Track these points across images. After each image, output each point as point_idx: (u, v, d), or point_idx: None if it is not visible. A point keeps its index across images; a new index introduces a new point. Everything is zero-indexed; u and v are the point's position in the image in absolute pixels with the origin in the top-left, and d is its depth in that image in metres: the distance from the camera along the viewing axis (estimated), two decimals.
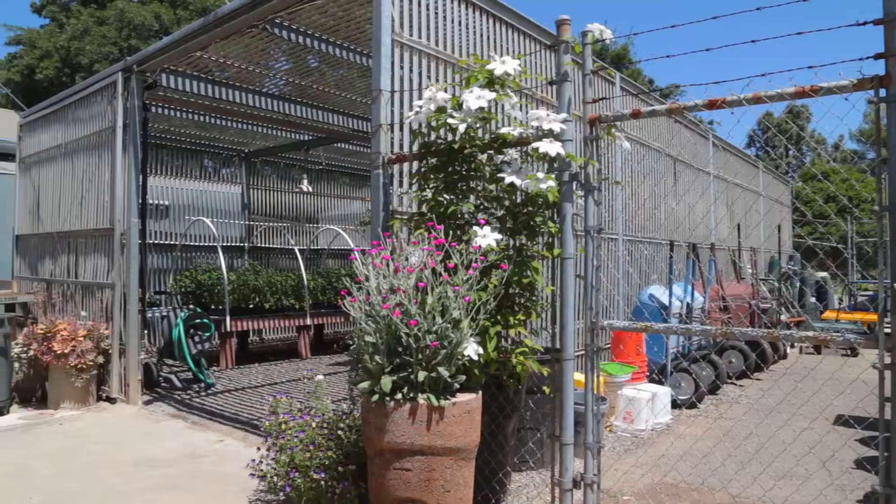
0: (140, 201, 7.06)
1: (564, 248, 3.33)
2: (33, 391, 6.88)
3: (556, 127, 3.32)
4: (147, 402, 6.89)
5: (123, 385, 6.84)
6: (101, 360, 6.66)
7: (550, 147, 3.27)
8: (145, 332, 7.45)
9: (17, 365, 6.64)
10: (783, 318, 10.14)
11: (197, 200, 11.53)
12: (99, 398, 6.82)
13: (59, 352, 6.32)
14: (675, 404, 6.27)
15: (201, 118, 9.50)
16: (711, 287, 8.00)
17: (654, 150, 8.15)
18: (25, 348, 6.63)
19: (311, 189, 12.80)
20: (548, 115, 3.36)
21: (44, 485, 4.39)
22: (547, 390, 3.62)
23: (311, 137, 10.48)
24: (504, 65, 3.61)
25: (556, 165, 3.41)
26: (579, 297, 3.62)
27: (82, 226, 7.67)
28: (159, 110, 8.97)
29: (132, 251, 6.89)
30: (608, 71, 7.08)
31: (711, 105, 2.85)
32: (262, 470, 3.82)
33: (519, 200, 3.70)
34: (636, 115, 3.22)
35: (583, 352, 3.49)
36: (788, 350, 9.99)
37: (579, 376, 3.90)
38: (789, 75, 2.65)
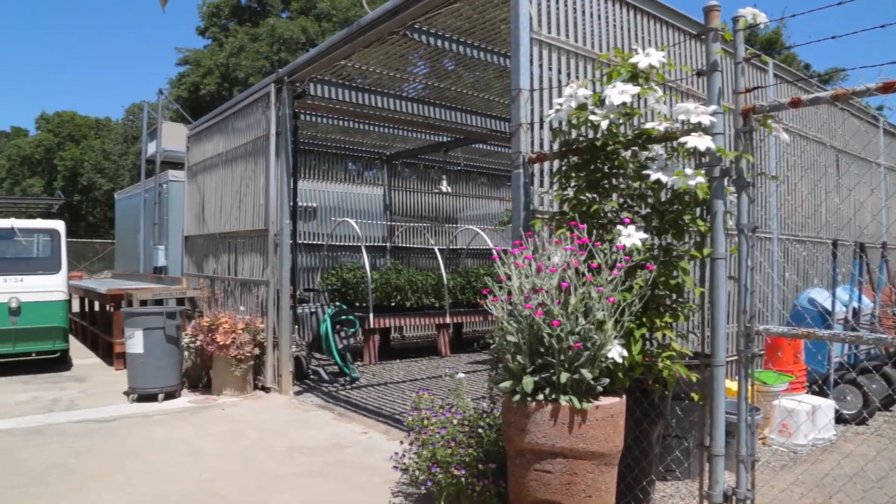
0: (291, 204, 7.52)
1: (715, 248, 3.16)
2: (199, 378, 7.53)
3: (706, 120, 3.15)
4: (297, 393, 7.32)
5: (276, 376, 7.31)
6: (256, 351, 7.16)
7: (699, 141, 3.11)
8: (296, 326, 7.92)
9: (186, 353, 7.31)
10: None
11: (342, 202, 12.09)
12: (255, 387, 7.34)
13: (221, 343, 6.87)
14: (839, 419, 5.74)
15: (345, 123, 9.98)
16: (883, 291, 7.25)
17: (815, 141, 7.51)
18: (193, 339, 7.26)
19: (450, 190, 13.02)
20: (696, 107, 3.20)
21: (210, 463, 4.78)
22: (696, 397, 3.44)
23: (449, 139, 10.67)
24: (648, 57, 3.47)
25: (705, 160, 3.24)
26: (731, 300, 3.41)
27: (240, 227, 8.28)
28: (307, 117, 9.52)
29: (284, 251, 7.35)
30: (761, 58, 6.61)
31: (887, 88, 2.59)
32: (404, 463, 3.92)
33: (665, 198, 3.55)
34: (796, 103, 2.98)
35: (735, 358, 3.29)
36: None
37: (730, 384, 3.67)
38: None
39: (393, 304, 10.18)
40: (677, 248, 3.51)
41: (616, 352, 3.03)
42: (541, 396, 2.96)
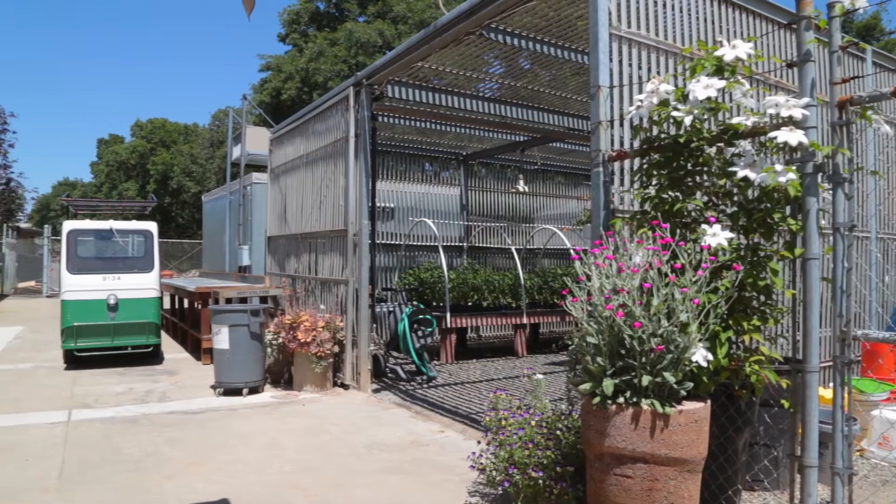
0: (370, 204, 7.65)
1: (808, 248, 3.01)
2: (281, 374, 7.77)
3: (797, 113, 3.00)
4: (375, 391, 7.44)
5: (355, 373, 7.46)
6: (336, 349, 7.33)
7: (790, 136, 2.96)
8: (374, 325, 8.05)
9: (269, 350, 7.55)
10: None
11: (419, 203, 12.21)
12: (334, 384, 7.51)
13: (302, 340, 7.06)
14: None
15: (422, 124, 10.08)
16: None
17: None
18: (275, 336, 7.50)
19: (526, 189, 12.94)
20: (786, 100, 3.05)
21: (291, 457, 4.93)
22: (786, 404, 3.29)
23: (526, 138, 10.60)
24: (735, 49, 3.34)
25: (796, 156, 3.09)
26: (824, 303, 3.24)
27: (320, 228, 8.49)
28: (385, 119, 9.66)
29: (363, 250, 7.48)
30: (859, 45, 6.25)
31: None
32: (481, 463, 3.92)
33: (753, 196, 3.40)
34: None
35: (829, 364, 3.12)
36: None
37: (823, 392, 3.49)
38: None
39: (470, 303, 10.21)
40: (766, 247, 3.36)
41: (700, 355, 2.93)
42: (621, 399, 2.90)
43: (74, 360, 9.04)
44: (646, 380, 2.85)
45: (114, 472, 4.55)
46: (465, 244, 12.57)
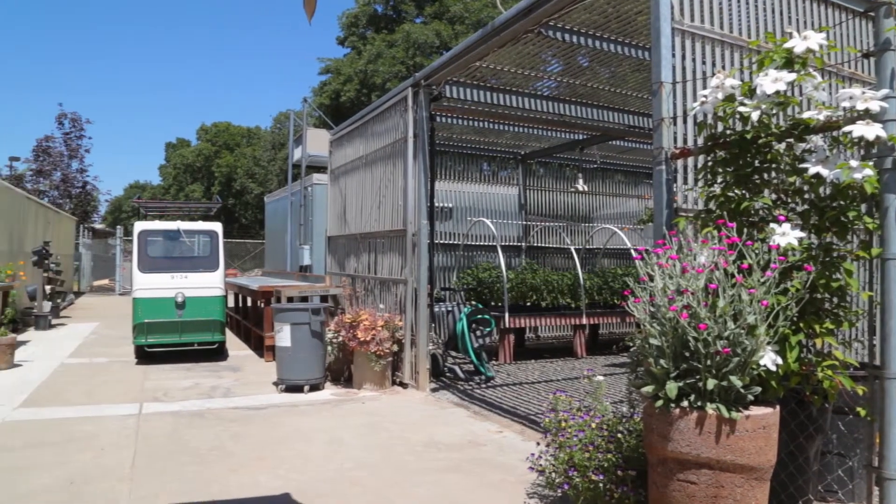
0: (428, 204, 7.69)
1: (887, 248, 2.87)
2: (341, 372, 7.89)
3: (875, 106, 2.87)
4: (433, 390, 7.48)
5: (413, 372, 7.51)
6: (395, 348, 7.39)
7: (867, 130, 2.83)
8: (432, 324, 8.09)
9: (329, 348, 7.68)
10: None
11: (477, 202, 12.21)
12: (393, 382, 7.58)
13: (361, 339, 7.16)
14: None
15: (479, 124, 10.07)
16: None
17: None
18: (336, 334, 7.62)
19: (586, 188, 12.77)
20: (863, 92, 2.92)
21: (351, 454, 5.00)
22: (862, 412, 3.14)
23: (585, 136, 10.47)
24: (806, 41, 3.21)
25: (873, 151, 2.95)
26: None
27: (379, 228, 8.58)
28: (443, 119, 9.69)
29: (422, 250, 7.53)
30: None
31: None
32: (540, 465, 3.89)
33: (825, 193, 3.27)
34: None
35: None
36: None
37: None
38: None
39: (528, 303, 10.15)
40: (839, 247, 3.22)
41: (769, 359, 2.83)
42: (685, 403, 2.83)
43: (145, 356, 9.40)
44: (711, 383, 2.77)
45: (181, 464, 4.71)
46: (523, 244, 12.50)
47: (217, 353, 9.92)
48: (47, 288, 14.07)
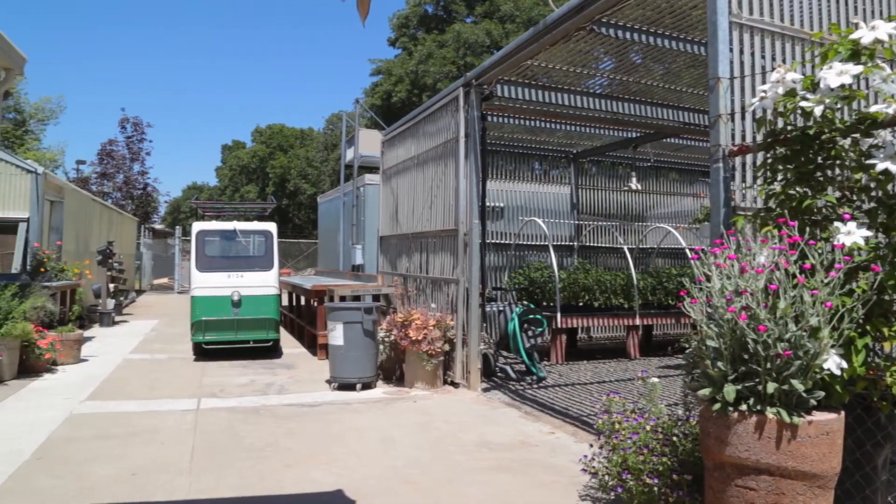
0: (480, 204, 7.69)
1: None
2: (393, 371, 7.95)
3: None
4: (485, 390, 7.47)
5: (465, 372, 7.52)
6: (446, 347, 7.41)
7: None
8: (484, 324, 8.08)
9: (381, 347, 7.75)
10: None
11: (529, 202, 12.14)
12: (444, 382, 7.60)
13: (413, 338, 7.20)
14: None
15: (531, 123, 10.02)
16: None
17: None
18: (388, 333, 7.69)
19: (639, 187, 12.56)
20: None
21: (403, 452, 5.04)
22: None
23: (638, 134, 10.31)
24: (874, 31, 3.08)
25: None
26: None
27: (431, 227, 8.61)
28: (494, 119, 9.68)
29: (473, 250, 7.52)
30: None
31: None
32: (593, 467, 3.84)
33: (894, 190, 3.13)
34: None
35: None
36: None
37: None
38: None
39: (580, 304, 10.04)
40: None
41: (833, 362, 2.73)
42: (744, 407, 2.75)
43: (203, 352, 9.66)
44: (771, 387, 2.69)
45: (238, 459, 4.83)
46: (575, 243, 12.37)
47: (271, 350, 10.12)
48: (111, 286, 14.61)
